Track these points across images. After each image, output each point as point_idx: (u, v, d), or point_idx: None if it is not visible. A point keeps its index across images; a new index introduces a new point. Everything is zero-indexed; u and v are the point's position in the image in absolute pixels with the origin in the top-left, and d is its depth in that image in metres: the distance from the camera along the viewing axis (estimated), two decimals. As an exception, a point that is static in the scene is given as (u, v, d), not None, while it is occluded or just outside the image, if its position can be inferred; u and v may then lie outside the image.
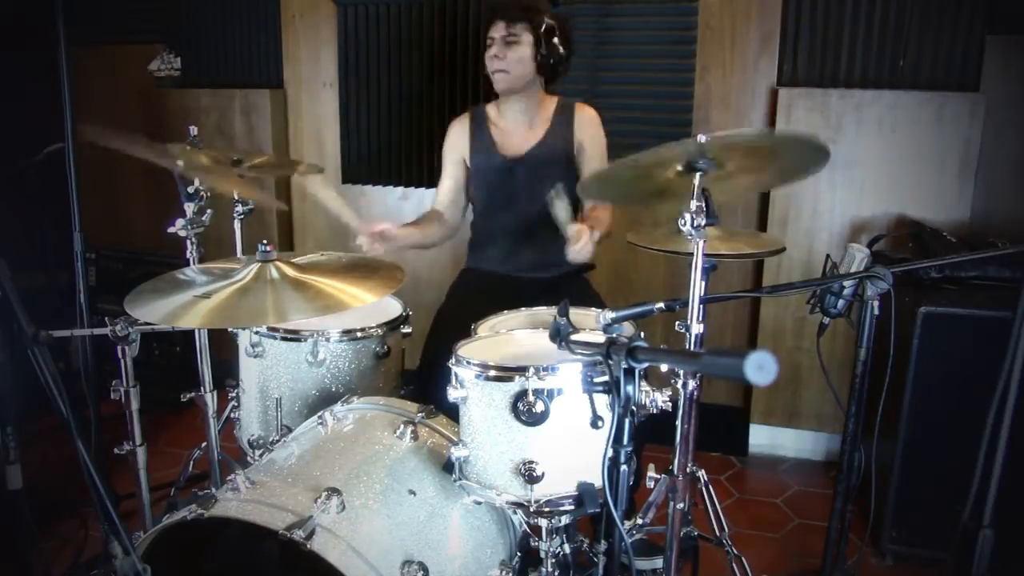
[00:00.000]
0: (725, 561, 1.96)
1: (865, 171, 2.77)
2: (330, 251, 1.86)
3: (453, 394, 1.49)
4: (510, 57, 2.23)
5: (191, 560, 1.52)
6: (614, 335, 1.19)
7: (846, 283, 1.80)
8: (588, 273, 2.50)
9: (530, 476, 1.40)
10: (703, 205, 1.53)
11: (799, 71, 2.84)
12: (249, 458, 1.98)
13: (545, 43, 2.23)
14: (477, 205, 2.49)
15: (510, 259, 2.41)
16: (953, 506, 1.69)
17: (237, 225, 2.31)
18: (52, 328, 1.37)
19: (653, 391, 1.36)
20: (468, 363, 1.47)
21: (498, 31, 2.24)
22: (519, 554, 1.65)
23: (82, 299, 2.28)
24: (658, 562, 1.88)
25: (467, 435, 1.50)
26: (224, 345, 2.13)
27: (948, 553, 1.75)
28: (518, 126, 2.38)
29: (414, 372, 2.23)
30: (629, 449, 1.20)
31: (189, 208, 1.90)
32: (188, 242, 1.93)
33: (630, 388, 1.14)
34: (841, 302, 1.83)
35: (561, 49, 2.27)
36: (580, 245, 1.99)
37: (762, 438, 3.08)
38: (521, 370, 1.39)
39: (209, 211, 1.93)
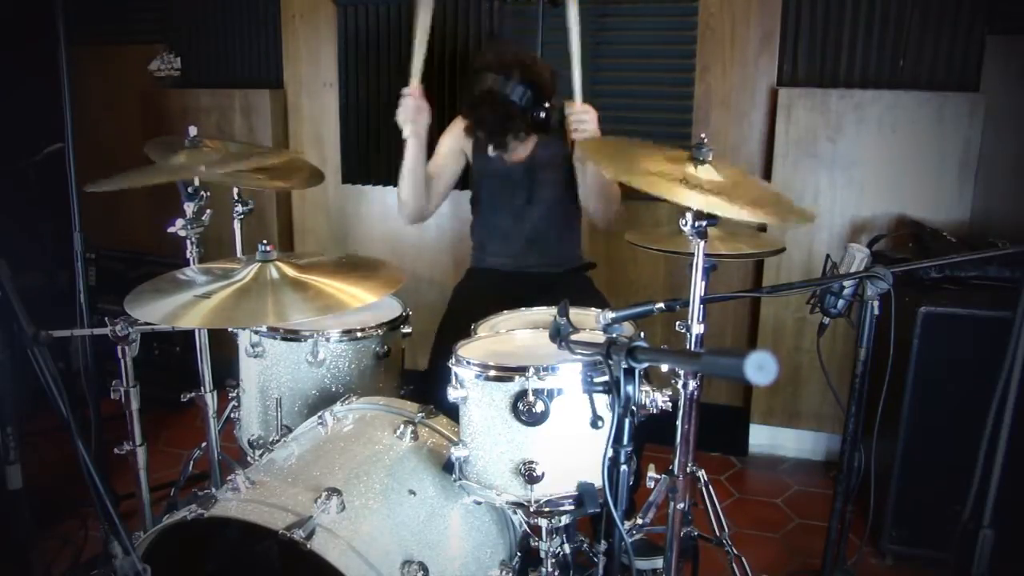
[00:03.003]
0: (725, 561, 1.96)
1: (865, 171, 2.77)
2: (330, 251, 1.86)
3: (453, 394, 1.49)
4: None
5: (191, 560, 1.52)
6: (614, 335, 1.19)
7: (846, 283, 1.81)
8: (589, 272, 2.51)
9: (530, 476, 1.40)
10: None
11: (799, 71, 2.84)
12: (249, 458, 1.98)
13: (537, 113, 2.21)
14: (479, 207, 2.50)
15: (513, 259, 2.42)
16: (953, 506, 1.69)
17: (237, 225, 2.31)
18: (52, 328, 1.37)
19: (653, 391, 1.36)
20: (468, 363, 1.47)
21: None
22: (519, 554, 1.65)
23: (82, 299, 2.29)
24: (658, 562, 1.88)
25: (467, 435, 1.50)
26: (224, 345, 2.13)
27: (948, 553, 1.74)
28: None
29: (418, 372, 2.24)
30: (629, 449, 1.20)
31: (189, 208, 1.90)
32: (188, 242, 1.93)
33: (630, 388, 1.14)
34: (841, 302, 1.83)
35: (553, 101, 2.24)
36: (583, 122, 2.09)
37: (762, 438, 3.08)
38: (521, 370, 1.39)
39: (209, 211, 1.93)
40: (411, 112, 2.19)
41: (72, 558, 2.25)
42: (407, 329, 2.06)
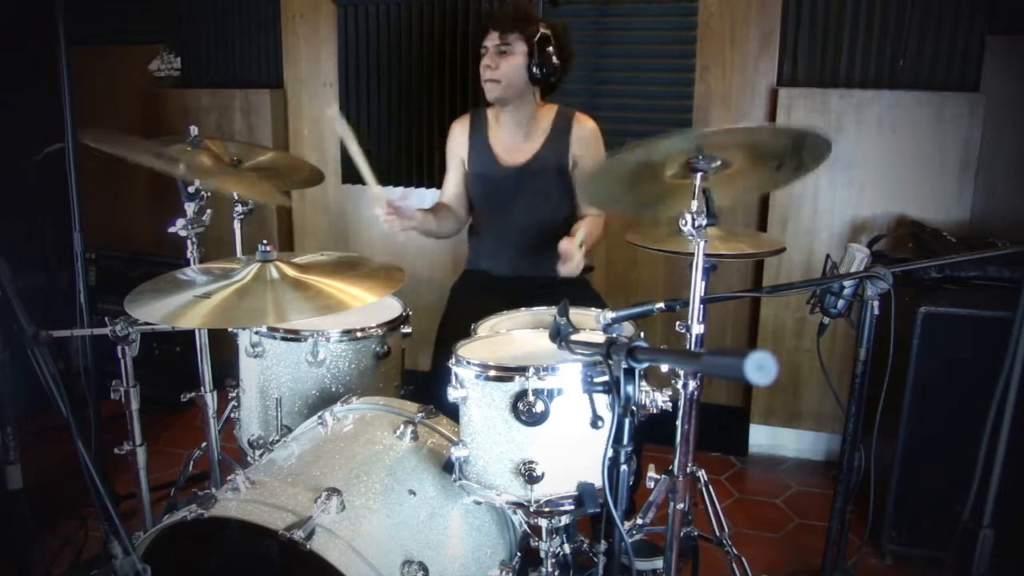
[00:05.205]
0: (725, 561, 1.96)
1: (865, 171, 2.77)
2: (330, 251, 1.86)
3: (453, 394, 1.49)
4: (503, 67, 2.22)
5: (191, 560, 1.52)
6: (614, 335, 1.19)
7: (846, 283, 1.80)
8: (588, 273, 2.51)
9: (530, 476, 1.40)
10: (703, 205, 1.54)
11: (799, 71, 2.84)
12: (249, 458, 1.98)
13: (538, 53, 2.22)
14: (475, 208, 2.49)
15: (508, 261, 2.42)
16: (953, 506, 1.69)
17: (237, 225, 2.31)
18: (52, 328, 1.37)
19: (653, 391, 1.36)
20: (468, 363, 1.47)
21: (491, 40, 2.23)
22: (519, 554, 1.65)
23: (82, 299, 2.29)
24: (658, 562, 1.88)
25: (467, 435, 1.50)
26: (224, 345, 2.13)
27: (948, 553, 1.75)
28: (516, 135, 2.37)
29: (418, 372, 2.24)
30: (629, 449, 1.20)
31: (189, 208, 1.90)
32: (188, 242, 1.93)
33: (630, 388, 1.14)
34: (841, 302, 1.83)
35: (555, 60, 2.25)
36: (570, 263, 2.06)
37: (762, 438, 3.08)
38: (521, 370, 1.39)
39: (209, 211, 1.93)
40: (392, 224, 2.13)
41: (72, 558, 2.25)
42: (407, 329, 2.06)
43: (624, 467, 1.20)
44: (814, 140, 1.52)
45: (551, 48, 2.23)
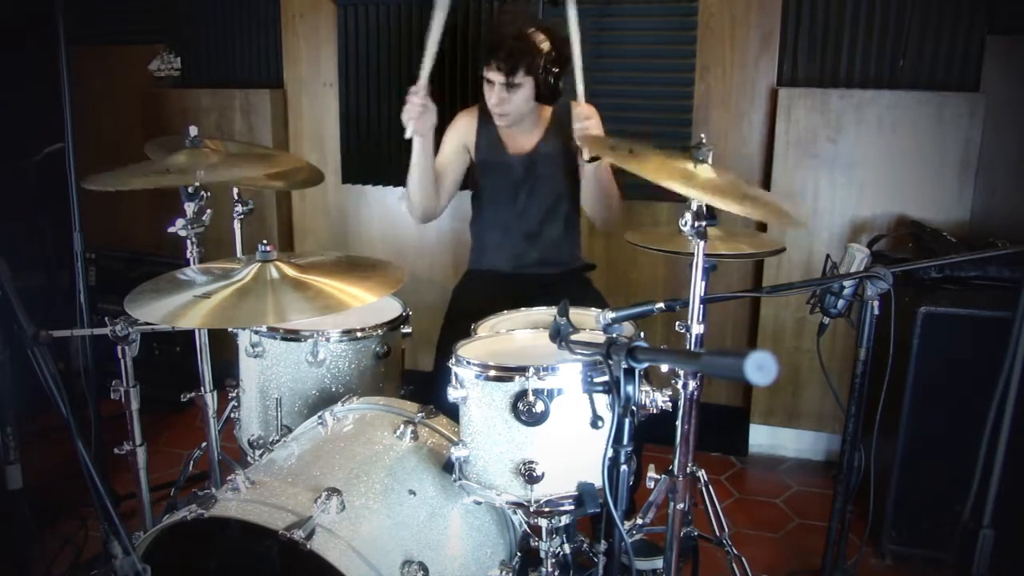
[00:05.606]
0: (725, 561, 1.96)
1: (865, 171, 2.77)
2: (330, 251, 1.86)
3: (453, 394, 1.49)
4: (513, 101, 2.23)
5: (191, 560, 1.52)
6: (614, 335, 1.19)
7: (846, 283, 1.81)
8: (589, 273, 2.51)
9: (530, 476, 1.41)
10: (703, 205, 1.54)
11: (799, 71, 2.84)
12: (249, 458, 1.98)
13: (544, 76, 2.21)
14: (480, 200, 2.49)
15: (513, 257, 2.42)
16: (953, 506, 1.69)
17: (237, 225, 2.31)
18: (52, 328, 1.37)
19: (653, 391, 1.36)
20: (468, 363, 1.47)
21: (497, 77, 2.19)
22: (519, 554, 1.65)
23: (82, 299, 2.29)
24: (658, 562, 1.88)
25: (467, 435, 1.50)
26: (224, 345, 2.13)
27: (948, 553, 1.75)
28: (521, 130, 2.39)
29: (418, 372, 2.24)
30: (629, 449, 1.20)
31: (189, 208, 1.90)
32: (188, 242, 1.93)
33: (630, 388, 1.14)
34: (841, 302, 1.83)
35: (560, 76, 2.24)
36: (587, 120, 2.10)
37: (762, 438, 3.08)
38: (521, 370, 1.39)
39: (209, 211, 1.93)
40: (415, 111, 2.17)
41: (72, 558, 2.25)
42: (407, 329, 2.06)
43: (624, 467, 1.20)
44: None
45: (556, 68, 2.23)
